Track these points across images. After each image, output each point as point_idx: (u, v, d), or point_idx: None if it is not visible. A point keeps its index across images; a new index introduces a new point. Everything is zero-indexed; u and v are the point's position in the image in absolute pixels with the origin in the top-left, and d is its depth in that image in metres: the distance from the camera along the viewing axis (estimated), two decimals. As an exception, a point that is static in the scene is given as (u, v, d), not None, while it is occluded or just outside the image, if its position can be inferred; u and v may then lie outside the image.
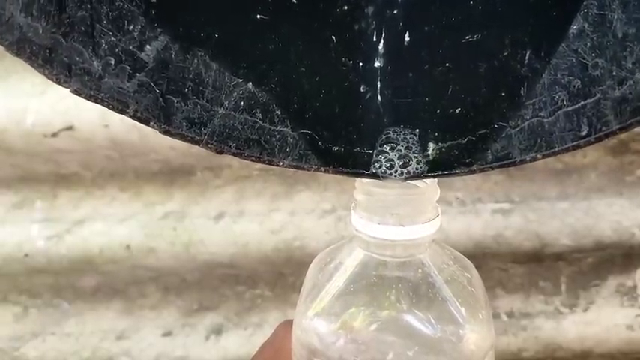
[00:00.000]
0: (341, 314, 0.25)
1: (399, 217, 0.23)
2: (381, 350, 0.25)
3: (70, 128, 0.50)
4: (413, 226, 0.23)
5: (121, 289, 0.56)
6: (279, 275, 0.56)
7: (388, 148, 0.21)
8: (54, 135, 0.50)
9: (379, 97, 0.21)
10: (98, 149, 0.51)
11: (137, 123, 0.20)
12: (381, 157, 0.21)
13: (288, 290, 0.56)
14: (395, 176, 0.21)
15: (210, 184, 0.54)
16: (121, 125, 0.50)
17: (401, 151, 0.21)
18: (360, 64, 0.21)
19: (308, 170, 0.21)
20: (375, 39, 0.21)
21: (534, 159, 0.21)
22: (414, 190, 0.24)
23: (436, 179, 0.24)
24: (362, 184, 0.24)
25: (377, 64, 0.21)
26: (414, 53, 0.21)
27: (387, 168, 0.21)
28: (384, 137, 0.22)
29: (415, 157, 0.21)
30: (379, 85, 0.21)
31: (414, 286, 0.25)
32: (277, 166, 0.21)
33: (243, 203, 0.54)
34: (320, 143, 0.21)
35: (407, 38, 0.21)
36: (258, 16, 0.21)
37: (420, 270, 0.25)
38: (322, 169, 0.21)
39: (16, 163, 0.52)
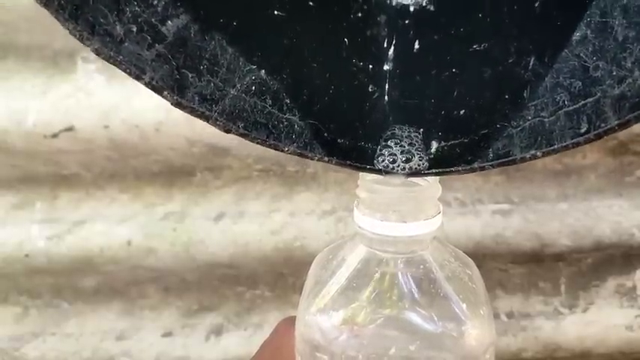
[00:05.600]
0: (343, 310, 0.25)
1: (401, 213, 0.24)
2: (383, 345, 0.25)
3: (70, 129, 0.50)
4: (415, 223, 0.24)
5: (121, 289, 0.56)
6: (279, 276, 0.56)
7: (392, 143, 0.22)
8: (54, 135, 0.50)
9: (386, 98, 0.22)
10: (98, 150, 0.51)
11: (137, 124, 0.20)
12: (385, 152, 0.22)
13: (288, 291, 0.56)
14: (397, 171, 0.22)
15: (210, 185, 0.54)
16: (121, 126, 0.50)
17: (404, 146, 0.22)
18: (370, 66, 0.22)
19: (312, 159, 0.22)
20: (385, 45, 0.22)
21: (534, 156, 0.21)
22: (416, 187, 0.24)
23: (438, 177, 0.24)
24: (365, 181, 0.24)
25: (386, 67, 0.22)
26: (422, 59, 0.22)
27: (389, 162, 0.22)
28: (388, 133, 0.22)
29: (418, 154, 0.22)
30: (387, 87, 0.22)
31: (415, 283, 0.25)
32: (282, 151, 0.21)
33: (244, 204, 0.54)
34: (326, 134, 0.22)
35: (416, 46, 0.22)
36: (275, 12, 0.21)
37: (421, 266, 0.25)
38: (326, 158, 0.22)
39: (17, 163, 0.52)
